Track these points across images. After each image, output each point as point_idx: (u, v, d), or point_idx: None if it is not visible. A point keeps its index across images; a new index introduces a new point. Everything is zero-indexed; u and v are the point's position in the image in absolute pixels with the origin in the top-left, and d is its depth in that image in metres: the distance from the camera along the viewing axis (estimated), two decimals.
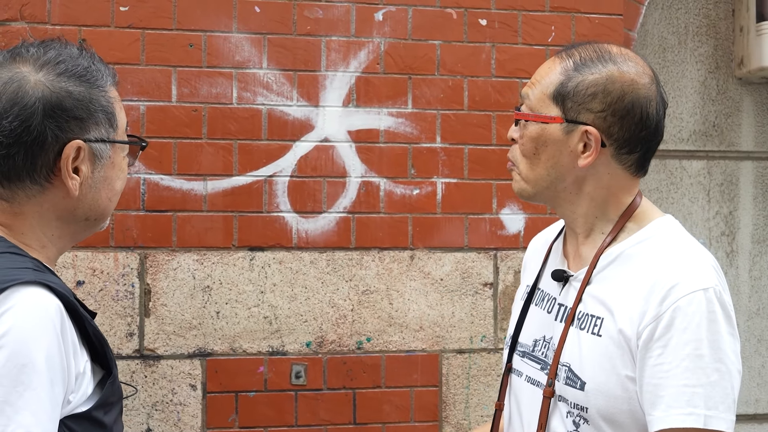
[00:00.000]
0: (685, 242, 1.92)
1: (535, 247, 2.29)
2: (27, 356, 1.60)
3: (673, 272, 1.83)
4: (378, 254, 3.74)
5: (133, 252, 3.57)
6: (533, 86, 1.99)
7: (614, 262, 1.95)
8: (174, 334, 3.58)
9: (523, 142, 1.98)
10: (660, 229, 1.96)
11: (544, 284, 2.10)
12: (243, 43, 3.65)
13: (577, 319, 1.95)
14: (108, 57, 3.54)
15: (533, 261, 2.24)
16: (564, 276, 2.02)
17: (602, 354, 1.87)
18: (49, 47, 1.83)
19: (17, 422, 1.58)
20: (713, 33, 4.58)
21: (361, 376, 3.71)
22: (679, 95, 4.55)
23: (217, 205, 3.62)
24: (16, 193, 1.80)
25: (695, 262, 1.85)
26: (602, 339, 1.88)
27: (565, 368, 1.93)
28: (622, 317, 1.86)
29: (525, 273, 2.27)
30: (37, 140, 1.76)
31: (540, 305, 2.08)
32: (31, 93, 1.76)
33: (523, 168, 1.99)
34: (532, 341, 2.05)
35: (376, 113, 3.75)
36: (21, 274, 1.68)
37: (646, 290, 1.84)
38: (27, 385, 1.59)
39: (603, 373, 1.86)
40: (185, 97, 3.61)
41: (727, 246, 4.59)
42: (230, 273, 3.63)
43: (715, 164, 4.59)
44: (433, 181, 3.78)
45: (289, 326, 3.67)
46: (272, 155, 3.67)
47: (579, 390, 1.89)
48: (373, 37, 3.75)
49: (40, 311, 1.63)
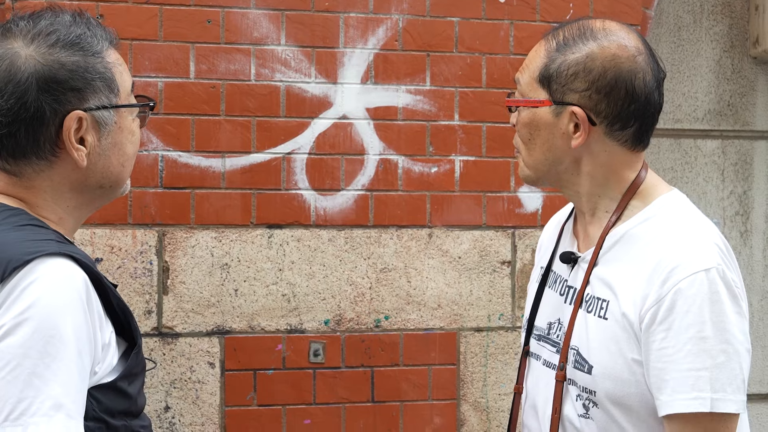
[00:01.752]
0: (690, 220, 1.90)
1: (549, 229, 2.28)
2: (54, 328, 1.59)
3: (674, 253, 1.81)
4: (396, 232, 3.73)
5: (151, 229, 3.55)
6: (523, 71, 1.98)
7: (619, 242, 1.93)
8: (192, 312, 3.57)
9: (519, 128, 1.97)
10: (664, 207, 1.93)
11: (556, 266, 2.09)
12: (261, 19, 3.63)
13: (584, 301, 1.93)
14: (125, 33, 3.52)
15: (547, 242, 2.22)
16: (572, 257, 2.01)
17: (608, 337, 1.85)
18: (40, 18, 1.80)
19: (46, 393, 1.57)
20: (728, 12, 4.56)
21: (379, 354, 3.71)
22: (694, 74, 4.54)
23: (235, 183, 3.61)
24: (24, 170, 1.78)
25: (698, 241, 1.83)
26: (608, 322, 1.87)
27: (574, 351, 1.91)
28: (625, 300, 1.84)
29: (540, 254, 2.26)
30: (35, 116, 1.74)
31: (553, 287, 2.07)
32: (24, 68, 1.74)
33: (524, 154, 1.99)
34: (547, 324, 2.04)
35: (394, 90, 3.73)
36: (45, 245, 1.66)
37: (649, 272, 1.82)
38: (54, 356, 1.58)
39: (609, 356, 1.85)
40: (203, 74, 3.59)
41: (741, 225, 4.58)
42: (248, 250, 3.61)
43: (730, 144, 4.58)
44: (452, 159, 3.77)
45: (307, 304, 3.66)
46: (290, 132, 3.65)
47: (587, 374, 1.87)
48: (392, 13, 3.73)
49: (66, 282, 1.63)
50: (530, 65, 1.95)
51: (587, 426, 1.89)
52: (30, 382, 1.56)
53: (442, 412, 3.73)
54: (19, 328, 1.57)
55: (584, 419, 1.89)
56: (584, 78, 1.88)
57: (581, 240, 2.04)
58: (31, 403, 1.55)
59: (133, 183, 3.50)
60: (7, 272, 1.61)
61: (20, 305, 1.58)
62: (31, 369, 1.57)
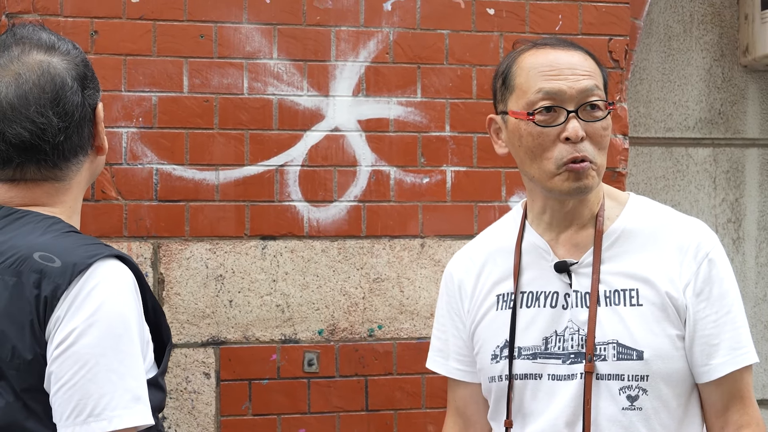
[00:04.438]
0: (669, 208, 2.12)
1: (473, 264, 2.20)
2: (122, 326, 1.71)
3: (688, 232, 2.02)
4: (389, 242, 3.77)
5: (146, 242, 3.60)
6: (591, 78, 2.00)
7: (620, 239, 2.03)
8: (187, 323, 3.61)
9: (603, 133, 2.00)
10: (643, 203, 2.10)
11: (531, 285, 2.08)
12: (253, 33, 3.68)
13: (605, 297, 1.98)
14: (120, 48, 3.57)
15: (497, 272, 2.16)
16: (567, 266, 2.04)
17: (650, 321, 1.97)
18: (31, 31, 1.92)
19: (123, 387, 1.69)
20: (718, 21, 4.60)
21: (373, 364, 3.75)
22: (685, 83, 4.58)
23: (229, 195, 3.65)
24: (69, 170, 1.90)
25: (693, 220, 2.07)
26: (644, 307, 1.97)
27: (613, 345, 1.96)
28: (662, 282, 1.98)
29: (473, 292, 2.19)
30: (84, 114, 1.88)
31: (535, 305, 2.07)
32: (64, 74, 1.85)
33: (600, 160, 2.01)
34: (542, 340, 2.04)
35: (385, 102, 3.78)
36: (99, 249, 1.78)
37: (673, 253, 1.99)
38: (126, 352, 1.70)
39: (655, 337, 1.96)
40: (197, 88, 3.64)
41: (733, 233, 4.62)
42: (242, 262, 3.66)
43: (721, 151, 4.62)
44: (443, 170, 3.81)
45: (301, 314, 3.70)
46: (283, 145, 3.70)
47: (637, 360, 1.95)
48: (382, 27, 3.78)
49: (124, 284, 1.75)
50: (593, 73, 2.02)
51: (634, 417, 1.96)
52: (108, 378, 1.67)
53: (436, 420, 3.76)
54: (92, 329, 1.68)
55: (630, 411, 1.96)
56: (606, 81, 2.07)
57: (563, 249, 2.07)
58: (112, 398, 1.67)
59: (128, 196, 3.57)
60: (74, 275, 1.70)
61: (89, 307, 1.69)
62: (107, 366, 1.68)
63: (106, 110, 3.51)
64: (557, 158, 1.97)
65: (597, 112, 1.99)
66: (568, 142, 1.96)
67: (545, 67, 1.99)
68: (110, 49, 3.58)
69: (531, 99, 1.99)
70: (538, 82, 1.99)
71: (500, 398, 2.09)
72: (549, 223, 2.08)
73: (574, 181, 1.97)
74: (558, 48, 2.03)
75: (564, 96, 1.97)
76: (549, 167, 1.98)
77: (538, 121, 1.98)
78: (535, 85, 1.99)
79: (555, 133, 1.97)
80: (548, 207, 2.07)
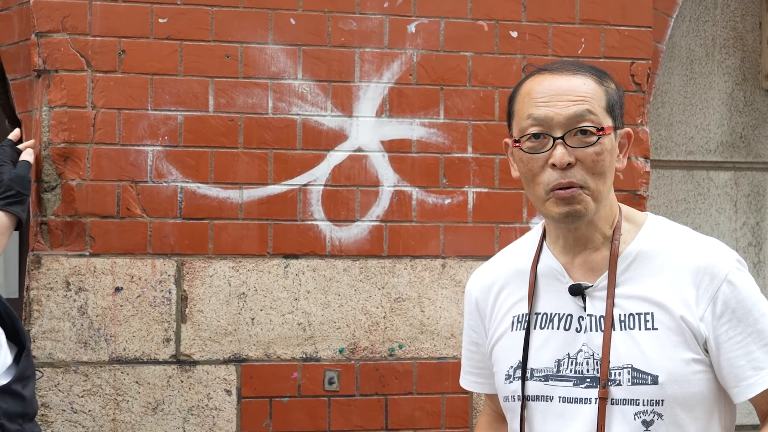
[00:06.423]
0: (688, 229, 2.10)
1: (492, 284, 2.21)
2: None
3: (705, 254, 2.00)
4: (410, 262, 3.79)
5: (170, 259, 3.63)
6: (587, 103, 1.99)
7: (635, 261, 2.02)
8: (210, 340, 3.64)
9: (602, 157, 1.97)
10: (660, 225, 2.08)
11: (545, 307, 2.09)
12: (278, 54, 3.72)
13: (619, 321, 1.99)
14: (147, 68, 3.62)
15: (512, 293, 2.17)
16: (582, 289, 2.05)
17: (665, 345, 1.96)
18: None
19: None
20: (740, 45, 4.62)
21: (393, 383, 3.76)
22: (707, 107, 4.59)
23: (252, 214, 3.69)
24: None
25: (712, 241, 2.05)
26: (659, 332, 1.97)
27: (628, 369, 1.96)
28: (677, 306, 1.96)
29: (492, 312, 2.20)
30: None
31: (548, 327, 2.07)
32: None
33: (596, 186, 1.99)
34: (555, 362, 2.04)
35: (408, 123, 3.81)
36: None
37: (689, 276, 1.98)
38: None
39: (671, 362, 1.95)
40: (222, 107, 3.68)
41: (754, 256, 4.62)
42: (265, 280, 3.69)
43: (742, 175, 4.63)
44: (465, 191, 3.84)
45: (322, 333, 3.72)
46: (307, 164, 3.73)
47: (652, 385, 1.95)
48: (406, 48, 3.81)
49: None
50: (594, 96, 2.00)
51: None
52: None
53: None
54: None
55: None
56: (620, 103, 2.03)
57: (579, 272, 2.08)
58: None
59: (152, 213, 3.61)
60: None
61: None
62: None
63: (133, 128, 3.58)
64: (545, 183, 1.98)
65: (589, 137, 1.98)
66: (555, 168, 1.98)
67: (538, 94, 2.00)
68: (137, 68, 3.62)
69: (522, 125, 2.02)
70: (529, 108, 2.00)
71: (514, 418, 2.11)
72: (563, 246, 2.10)
73: (563, 207, 1.98)
74: (558, 73, 2.03)
75: (551, 122, 1.97)
76: (539, 192, 2.01)
77: (525, 147, 2.00)
78: (526, 111, 2.01)
79: (543, 158, 1.98)
80: (559, 232, 2.08)
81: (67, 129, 3.56)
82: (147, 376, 3.58)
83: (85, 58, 3.58)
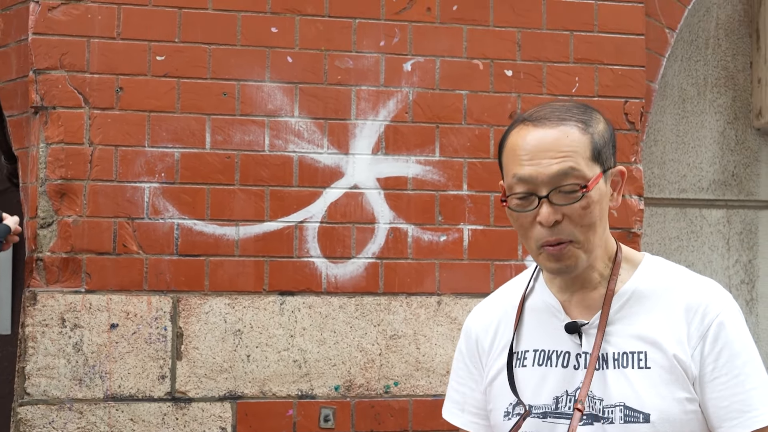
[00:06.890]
0: (684, 269, 2.10)
1: (491, 322, 2.22)
2: None
3: (698, 294, 2.01)
4: (405, 299, 3.80)
5: (166, 296, 3.63)
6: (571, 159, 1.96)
7: (630, 300, 2.03)
8: (205, 377, 3.63)
9: (590, 210, 1.96)
10: (657, 264, 2.09)
11: (543, 344, 2.10)
12: (275, 92, 3.74)
13: (613, 360, 2.00)
14: (144, 105, 3.63)
15: (503, 331, 2.18)
16: (578, 327, 2.06)
17: (658, 383, 1.96)
18: None
19: None
20: (731, 84, 4.66)
21: (389, 420, 3.75)
22: (699, 145, 4.63)
23: (248, 250, 3.69)
24: None
25: (707, 281, 2.06)
26: (652, 370, 1.97)
27: (620, 407, 1.97)
28: (670, 344, 1.97)
29: (490, 349, 2.20)
30: None
31: (546, 364, 2.08)
32: None
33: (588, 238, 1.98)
34: (553, 399, 2.05)
35: (404, 161, 3.83)
36: None
37: (681, 316, 1.99)
38: None
39: (663, 400, 1.95)
40: (219, 145, 3.69)
41: (746, 294, 4.64)
42: (261, 317, 3.68)
43: (735, 213, 4.65)
44: (460, 228, 3.85)
45: (318, 370, 3.71)
46: (303, 201, 3.74)
47: (643, 423, 1.95)
48: (402, 86, 3.84)
49: None
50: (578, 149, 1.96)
51: None
52: None
53: None
54: None
55: None
56: (610, 142, 2.01)
57: (577, 310, 2.09)
58: None
59: (149, 250, 3.61)
60: None
61: None
62: None
63: (130, 165, 3.59)
64: (536, 239, 2.00)
65: (574, 193, 1.98)
66: (543, 226, 1.99)
67: (521, 150, 1.98)
68: (135, 105, 3.64)
69: (509, 182, 2.02)
70: (513, 166, 1.99)
71: None
72: (560, 286, 2.11)
73: (554, 262, 2.00)
74: (541, 125, 2.00)
75: (536, 181, 1.96)
76: (532, 246, 2.03)
77: (513, 206, 2.01)
78: (512, 169, 2.00)
79: (532, 215, 1.99)
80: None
81: (64, 165, 3.57)
82: (142, 413, 3.56)
83: (82, 95, 3.60)
